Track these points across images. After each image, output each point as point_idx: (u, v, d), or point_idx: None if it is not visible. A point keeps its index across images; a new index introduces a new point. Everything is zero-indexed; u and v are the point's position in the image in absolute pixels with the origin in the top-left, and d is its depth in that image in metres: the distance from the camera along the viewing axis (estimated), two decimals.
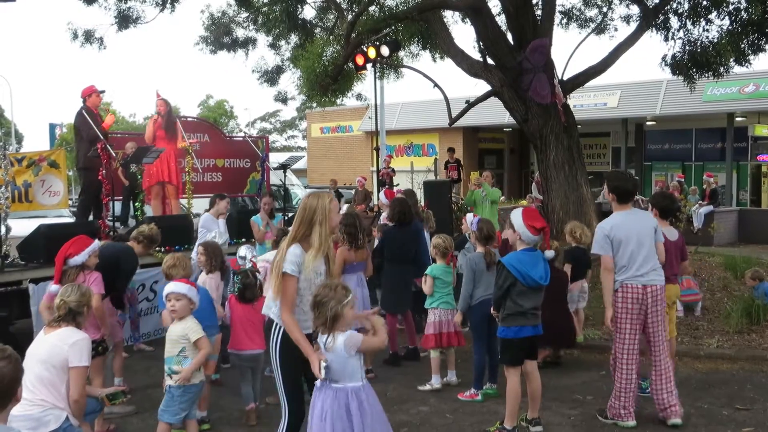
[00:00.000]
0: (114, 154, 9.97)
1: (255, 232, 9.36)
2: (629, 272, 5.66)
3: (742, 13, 11.97)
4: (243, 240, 10.09)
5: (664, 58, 12.95)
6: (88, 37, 14.77)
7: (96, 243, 5.96)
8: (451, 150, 21.41)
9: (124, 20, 14.66)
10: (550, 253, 5.60)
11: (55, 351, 4.24)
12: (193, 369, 4.98)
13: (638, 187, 6.02)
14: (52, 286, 5.59)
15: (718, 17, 12.29)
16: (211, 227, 8.54)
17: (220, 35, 17.28)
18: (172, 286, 5.14)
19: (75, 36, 14.70)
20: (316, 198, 4.36)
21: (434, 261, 7.14)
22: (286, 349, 4.25)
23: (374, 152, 14.46)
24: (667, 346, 5.97)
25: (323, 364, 3.95)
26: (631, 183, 5.99)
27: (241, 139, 13.95)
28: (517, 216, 5.50)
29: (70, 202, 13.35)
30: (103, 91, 10.62)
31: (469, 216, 7.79)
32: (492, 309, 5.85)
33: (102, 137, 9.90)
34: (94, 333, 5.73)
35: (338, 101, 17.04)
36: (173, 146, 10.95)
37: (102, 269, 5.94)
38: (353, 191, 18.77)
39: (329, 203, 4.33)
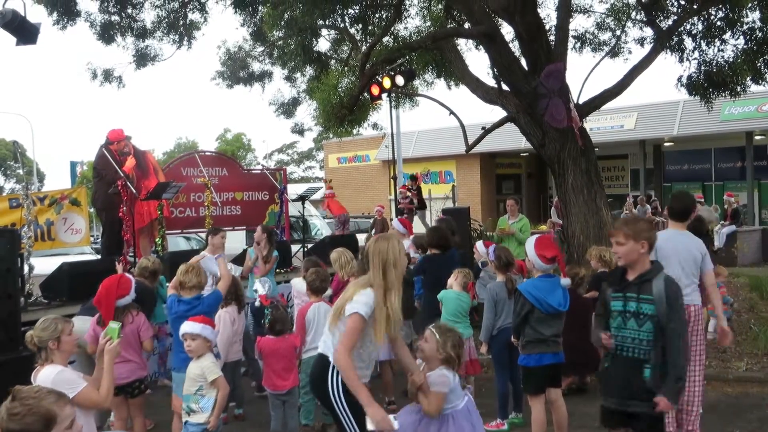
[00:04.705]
0: (135, 192, 10.05)
1: (245, 263, 9.01)
2: None
3: (757, 32, 11.95)
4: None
5: (679, 79, 12.92)
6: (107, 76, 15.03)
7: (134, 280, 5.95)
8: (414, 178, 20.23)
9: (143, 58, 14.91)
10: (565, 281, 5.57)
11: None
12: (218, 413, 4.96)
13: (693, 206, 6.03)
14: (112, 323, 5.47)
15: (733, 37, 12.27)
16: (209, 266, 8.22)
17: (236, 69, 17.53)
18: (187, 326, 5.09)
19: (94, 76, 14.98)
20: (386, 241, 4.27)
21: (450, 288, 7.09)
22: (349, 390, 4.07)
23: (392, 181, 14.48)
24: (701, 369, 5.89)
25: (393, 416, 3.89)
26: (681, 202, 5.98)
27: (259, 171, 14.03)
28: (530, 245, 5.58)
29: (91, 239, 13.46)
30: (130, 137, 10.70)
31: (479, 244, 7.74)
32: (512, 337, 5.83)
33: (124, 178, 9.99)
34: (139, 371, 5.74)
35: (354, 131, 17.14)
36: (153, 181, 10.80)
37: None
38: (371, 220, 18.79)
39: (398, 245, 4.27)
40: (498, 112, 13.44)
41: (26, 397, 2.75)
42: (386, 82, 13.03)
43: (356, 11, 13.70)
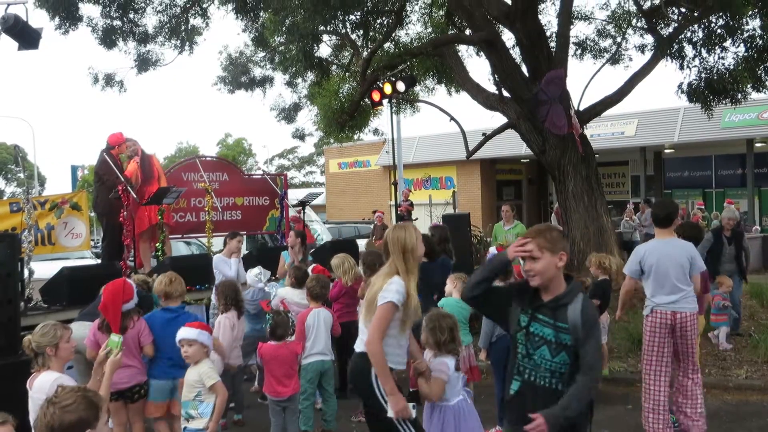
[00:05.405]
0: (135, 196, 10.06)
1: (279, 267, 9.21)
2: (658, 298, 5.73)
3: (758, 40, 11.95)
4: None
5: (680, 86, 12.92)
6: (109, 80, 15.05)
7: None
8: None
9: (144, 63, 14.94)
10: None
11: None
12: (218, 419, 4.94)
13: (675, 213, 6.13)
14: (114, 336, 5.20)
15: (734, 44, 12.27)
16: (223, 269, 8.35)
17: (237, 75, 17.56)
18: (183, 332, 5.08)
19: (96, 80, 14.99)
20: (403, 229, 4.37)
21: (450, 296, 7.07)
22: None
23: (392, 186, 14.49)
24: (698, 373, 5.94)
25: (413, 405, 4.01)
26: (664, 209, 6.05)
27: (259, 176, 14.04)
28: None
29: (92, 244, 13.45)
30: (129, 139, 10.72)
31: (492, 249, 7.73)
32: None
33: (125, 182, 10.00)
34: (139, 376, 5.71)
35: (355, 137, 17.16)
36: (156, 186, 10.78)
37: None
38: (372, 226, 18.79)
39: (415, 233, 4.35)
40: (498, 119, 13.48)
41: (70, 391, 2.83)
42: (387, 88, 13.05)
43: (357, 17, 13.73)
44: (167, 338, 5.52)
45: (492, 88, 13.08)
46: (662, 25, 13.16)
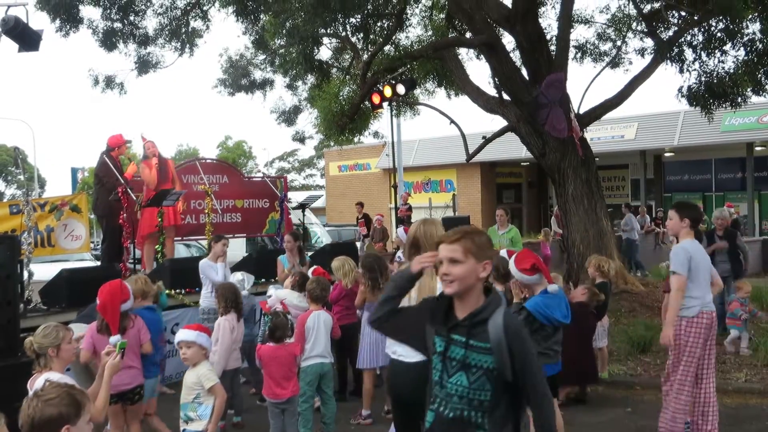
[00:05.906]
0: (135, 198, 10.06)
1: (279, 272, 9.18)
2: (703, 299, 5.72)
3: (758, 43, 11.98)
4: (266, 280, 10.07)
5: (680, 90, 12.94)
6: (109, 82, 15.04)
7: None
8: (360, 204, 20.22)
9: (144, 65, 14.94)
10: (553, 287, 5.55)
11: None
12: (216, 421, 4.93)
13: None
14: (113, 338, 5.24)
15: (734, 48, 12.31)
16: (209, 274, 8.21)
17: (238, 77, 17.56)
18: (182, 334, 5.08)
19: (96, 82, 14.99)
20: (432, 225, 4.33)
21: None
22: None
23: (392, 189, 14.49)
24: (712, 373, 5.95)
25: None
26: (696, 211, 6.11)
27: (259, 179, 14.02)
28: (512, 267, 5.52)
29: (91, 246, 13.44)
30: (129, 142, 10.75)
31: (503, 252, 7.70)
32: None
33: (125, 185, 10.02)
34: (140, 377, 5.70)
35: (355, 139, 17.16)
36: (168, 187, 10.80)
37: None
38: (371, 229, 18.79)
39: (442, 229, 4.23)
40: (499, 122, 13.49)
41: (56, 386, 2.83)
42: (387, 91, 13.06)
43: (358, 20, 13.73)
44: (153, 336, 5.58)
45: (492, 91, 13.08)
46: (662, 29, 13.17)
